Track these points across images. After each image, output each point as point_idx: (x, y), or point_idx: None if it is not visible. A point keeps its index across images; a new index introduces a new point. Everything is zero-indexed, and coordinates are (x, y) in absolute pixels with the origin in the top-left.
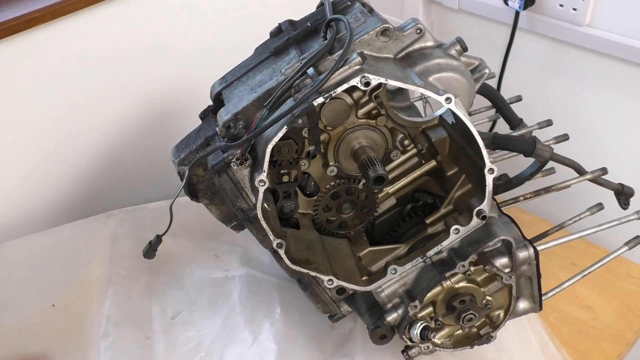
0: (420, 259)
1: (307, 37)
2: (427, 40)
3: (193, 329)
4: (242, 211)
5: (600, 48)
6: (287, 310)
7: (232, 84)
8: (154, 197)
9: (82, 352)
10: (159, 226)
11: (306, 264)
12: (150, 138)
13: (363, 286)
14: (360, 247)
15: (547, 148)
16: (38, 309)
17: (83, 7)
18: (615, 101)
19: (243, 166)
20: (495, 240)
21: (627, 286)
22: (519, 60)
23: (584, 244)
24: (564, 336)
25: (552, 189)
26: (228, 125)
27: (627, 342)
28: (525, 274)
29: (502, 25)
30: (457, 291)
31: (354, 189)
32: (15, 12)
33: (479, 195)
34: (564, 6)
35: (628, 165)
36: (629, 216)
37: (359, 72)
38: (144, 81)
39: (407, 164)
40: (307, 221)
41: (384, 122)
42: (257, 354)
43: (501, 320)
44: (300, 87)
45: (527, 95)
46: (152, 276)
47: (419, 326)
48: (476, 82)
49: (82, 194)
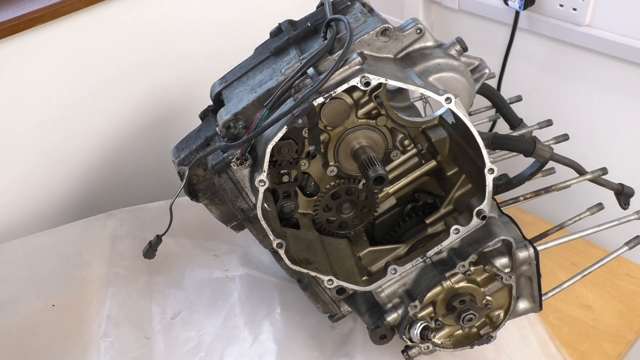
0: (420, 259)
1: (307, 37)
2: (427, 40)
3: (193, 329)
4: (242, 211)
5: (600, 48)
6: (287, 310)
7: (232, 84)
8: (154, 197)
9: (82, 352)
10: (159, 226)
11: (306, 264)
12: (150, 138)
13: (363, 286)
14: (360, 247)
15: (547, 148)
16: (38, 309)
17: (83, 7)
18: (615, 101)
19: (243, 166)
20: (495, 240)
21: (627, 286)
22: (519, 60)
23: (584, 244)
24: (564, 336)
25: (552, 189)
26: (228, 125)
27: (627, 342)
28: (525, 274)
29: (502, 25)
30: (457, 291)
31: (354, 189)
32: (15, 12)
33: (479, 195)
34: (564, 6)
35: (628, 165)
36: (629, 216)
37: (359, 72)
38: (144, 81)
39: (407, 164)
40: (307, 221)
41: (384, 122)
42: (257, 354)
43: (501, 320)
44: (300, 87)
45: (527, 95)
46: (152, 276)
47: (419, 326)
48: (476, 82)
49: (82, 194)
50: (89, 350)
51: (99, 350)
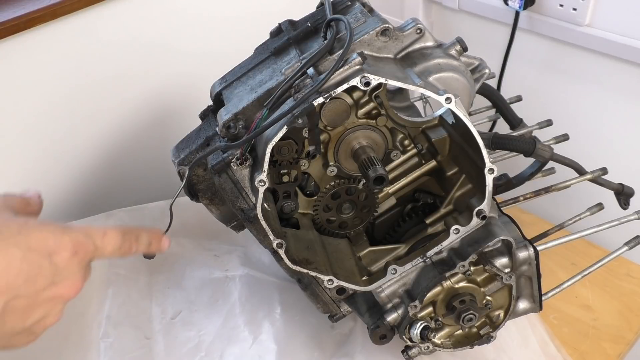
0: (420, 259)
1: (307, 37)
2: (427, 40)
3: (193, 329)
4: (242, 211)
5: (600, 48)
6: (287, 310)
7: (232, 84)
8: (154, 197)
9: (82, 352)
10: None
11: (306, 264)
12: (150, 138)
13: (363, 286)
14: (360, 247)
15: (547, 148)
16: None
17: (83, 7)
18: (615, 101)
19: (243, 166)
20: (495, 240)
21: (627, 286)
22: (519, 60)
23: (584, 244)
24: (564, 336)
25: (552, 189)
26: (228, 125)
27: (627, 342)
28: (525, 274)
29: (502, 25)
30: (457, 291)
31: (354, 189)
32: (15, 12)
33: (479, 195)
34: (564, 6)
35: (628, 165)
36: (629, 216)
37: (359, 72)
38: (144, 81)
39: (407, 164)
40: (307, 221)
41: (384, 122)
42: (257, 354)
43: (501, 320)
44: (300, 87)
45: (527, 95)
46: (152, 276)
47: (419, 326)
48: (476, 82)
49: (82, 193)
50: (89, 350)
51: (99, 351)
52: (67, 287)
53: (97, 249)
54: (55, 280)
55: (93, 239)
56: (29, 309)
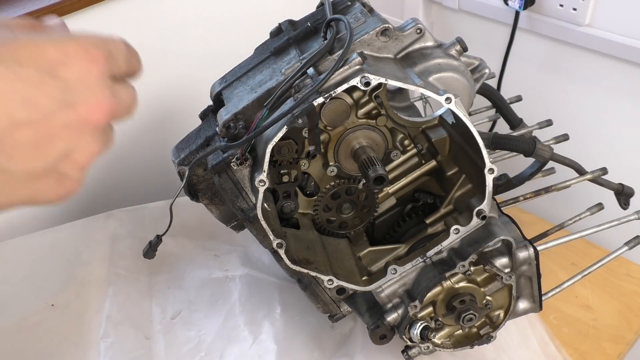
0: (420, 259)
1: (307, 37)
2: (427, 40)
3: (193, 329)
4: (242, 211)
5: (600, 48)
6: (287, 310)
7: (232, 84)
8: (154, 197)
9: (82, 352)
10: (159, 226)
11: (306, 264)
12: (150, 138)
13: (363, 286)
14: (360, 247)
15: (547, 148)
16: (37, 308)
17: (83, 7)
18: (616, 101)
19: (243, 166)
20: (495, 240)
21: (627, 286)
22: (519, 60)
23: (584, 244)
24: (564, 336)
25: (552, 189)
26: (228, 125)
27: (627, 342)
28: (525, 274)
29: (502, 25)
30: (457, 291)
31: (354, 189)
32: (15, 12)
33: (479, 195)
34: (564, 6)
35: (628, 165)
36: (629, 216)
37: (359, 72)
38: (143, 81)
39: (407, 164)
40: (307, 221)
41: (384, 122)
42: (257, 354)
43: (501, 320)
44: (300, 87)
45: (527, 95)
46: (152, 276)
47: (419, 326)
48: (476, 82)
49: (82, 194)
50: (89, 350)
51: (99, 351)
52: (88, 106)
53: (111, 56)
54: (68, 100)
55: (105, 43)
56: (42, 140)
